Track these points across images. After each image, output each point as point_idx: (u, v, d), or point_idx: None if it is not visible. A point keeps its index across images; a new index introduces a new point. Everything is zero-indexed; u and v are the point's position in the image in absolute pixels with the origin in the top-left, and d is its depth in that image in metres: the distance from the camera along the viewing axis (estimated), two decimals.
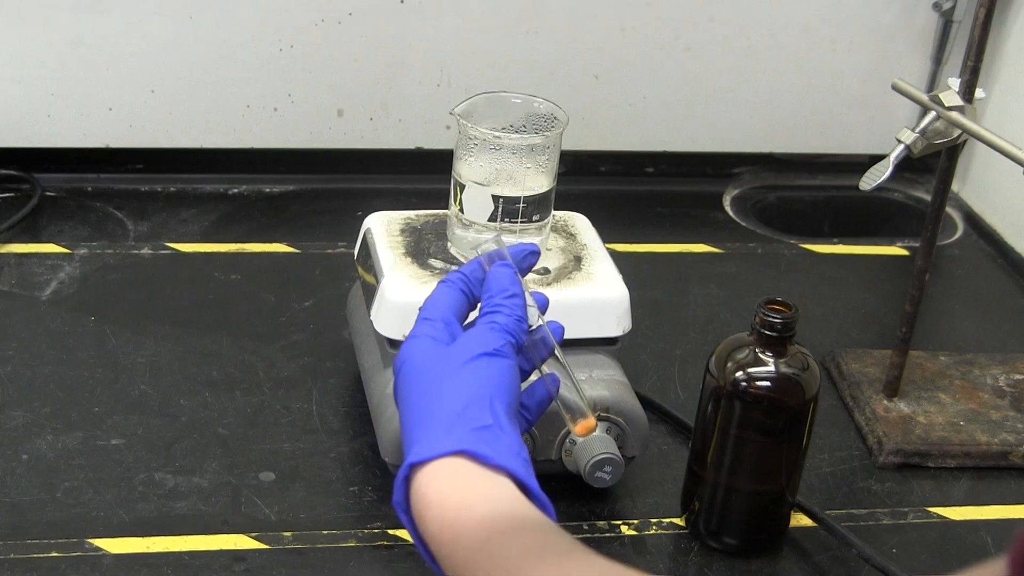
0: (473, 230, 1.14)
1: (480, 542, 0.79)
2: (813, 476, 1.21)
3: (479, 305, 0.94)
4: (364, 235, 1.22)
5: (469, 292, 0.94)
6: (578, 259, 1.18)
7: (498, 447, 0.83)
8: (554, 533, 0.79)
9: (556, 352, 0.95)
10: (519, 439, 0.85)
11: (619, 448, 1.11)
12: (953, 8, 1.65)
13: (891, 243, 1.64)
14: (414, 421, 0.86)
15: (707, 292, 1.49)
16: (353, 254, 1.24)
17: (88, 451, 1.17)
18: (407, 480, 0.84)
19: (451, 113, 1.12)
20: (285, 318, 1.38)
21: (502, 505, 0.81)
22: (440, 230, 1.19)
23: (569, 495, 1.15)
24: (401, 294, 1.12)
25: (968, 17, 1.63)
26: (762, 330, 1.05)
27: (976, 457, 1.24)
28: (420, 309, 0.93)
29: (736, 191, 1.73)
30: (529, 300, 0.94)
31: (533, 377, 0.95)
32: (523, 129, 1.14)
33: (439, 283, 0.95)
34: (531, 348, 0.94)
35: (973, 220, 1.70)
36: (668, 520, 1.15)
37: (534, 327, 0.94)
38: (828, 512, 1.14)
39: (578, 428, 0.96)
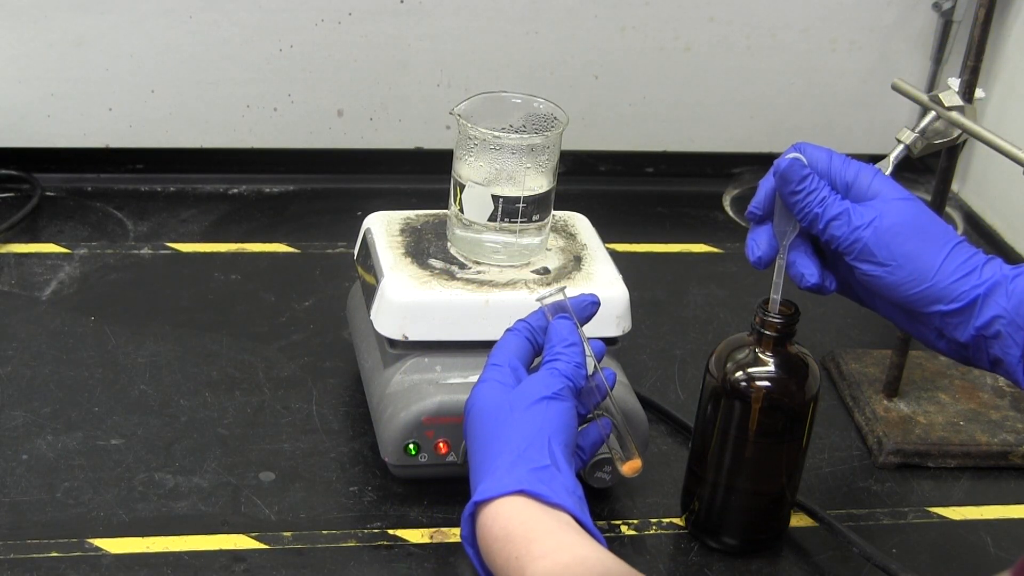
0: (473, 230, 1.15)
1: (547, 572, 0.85)
2: (813, 476, 1.21)
3: (543, 352, 1.01)
4: (364, 235, 1.22)
5: (533, 340, 1.01)
6: (578, 259, 1.18)
7: (555, 486, 0.89)
8: (612, 560, 0.85)
9: (608, 397, 1.01)
10: (573, 478, 0.92)
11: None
12: (953, 8, 1.65)
13: None
14: (480, 461, 0.93)
15: (707, 292, 1.49)
16: (353, 254, 1.25)
17: (88, 451, 1.17)
18: (473, 516, 0.91)
19: (451, 113, 1.12)
20: (285, 318, 1.38)
21: (564, 537, 0.86)
22: (440, 230, 1.20)
23: None
24: (401, 294, 1.12)
25: (968, 17, 1.63)
26: (762, 330, 1.05)
27: (976, 457, 1.24)
28: (489, 355, 1.00)
29: (736, 191, 1.73)
30: (587, 350, 1.00)
31: (588, 419, 1.02)
32: (523, 129, 1.14)
33: (506, 331, 1.01)
34: (586, 394, 0.99)
35: (973, 220, 1.70)
36: (668, 520, 1.15)
37: (591, 373, 1.00)
38: (828, 512, 1.14)
39: (625, 468, 1.01)
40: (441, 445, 1.10)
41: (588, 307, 1.04)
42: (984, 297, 0.94)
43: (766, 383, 1.05)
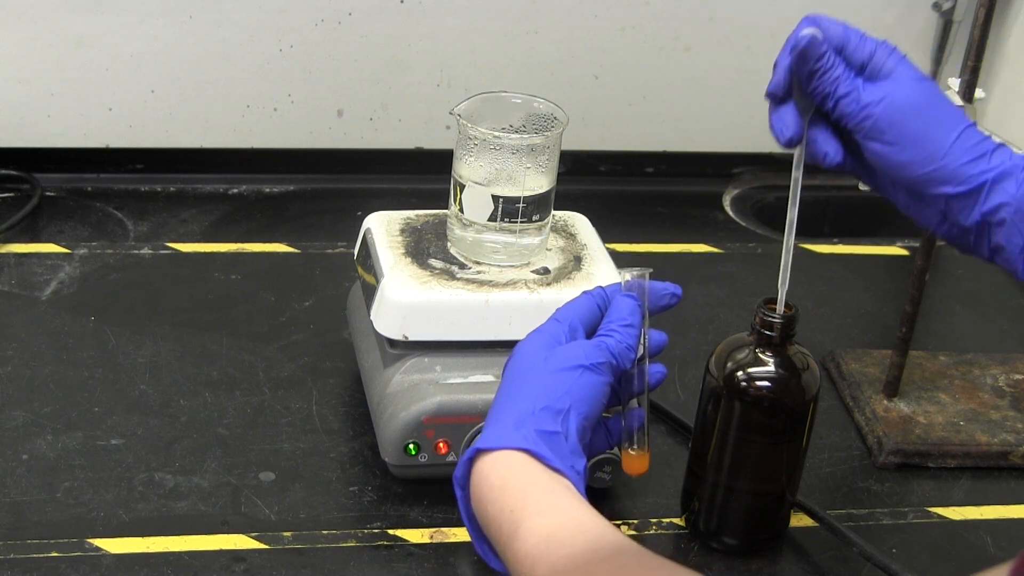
0: (473, 230, 1.15)
1: (542, 532, 0.84)
2: (813, 476, 1.21)
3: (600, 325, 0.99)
4: (364, 235, 1.22)
5: (604, 308, 0.99)
6: (578, 259, 1.18)
7: (560, 453, 0.89)
8: (606, 527, 0.85)
9: (646, 392, 0.99)
10: (580, 452, 0.90)
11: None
12: (953, 8, 1.65)
13: (891, 243, 1.64)
14: (499, 405, 0.92)
15: (707, 292, 1.49)
16: (353, 254, 1.25)
17: (88, 451, 1.17)
18: (471, 461, 0.90)
19: (451, 113, 1.12)
20: (285, 318, 1.38)
21: (562, 498, 0.86)
22: (440, 230, 1.20)
23: None
24: (401, 294, 1.12)
25: (968, 17, 1.63)
26: (762, 330, 1.05)
27: (976, 457, 1.24)
28: (556, 311, 0.98)
29: (736, 191, 1.73)
30: (644, 338, 0.98)
31: (633, 405, 1.00)
32: (523, 129, 1.14)
33: (582, 293, 1.00)
34: (627, 380, 0.97)
35: None
36: (668, 520, 1.15)
37: (641, 360, 0.98)
38: (828, 512, 1.14)
39: (631, 467, 0.99)
40: (441, 445, 1.10)
41: (665, 297, 1.01)
42: (993, 182, 0.91)
43: (766, 383, 1.05)
